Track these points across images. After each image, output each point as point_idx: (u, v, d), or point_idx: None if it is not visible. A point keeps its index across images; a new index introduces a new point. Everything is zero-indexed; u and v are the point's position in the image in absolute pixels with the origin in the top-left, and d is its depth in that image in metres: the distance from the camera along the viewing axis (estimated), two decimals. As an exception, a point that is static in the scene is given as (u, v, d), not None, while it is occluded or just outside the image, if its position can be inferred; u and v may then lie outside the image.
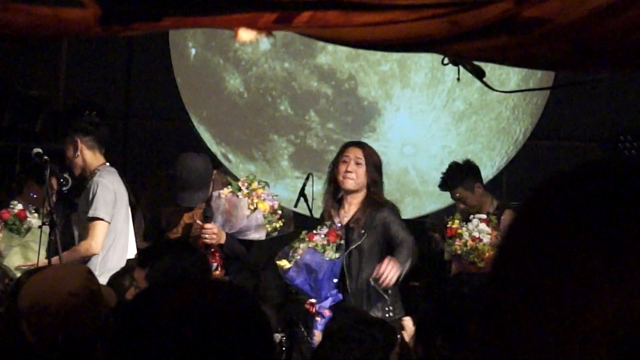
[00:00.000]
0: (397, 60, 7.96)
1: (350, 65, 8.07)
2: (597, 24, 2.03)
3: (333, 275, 4.91)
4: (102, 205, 5.49)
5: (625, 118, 8.16)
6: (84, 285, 2.61)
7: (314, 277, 4.89)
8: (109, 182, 5.59)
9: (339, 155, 5.18)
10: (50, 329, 2.53)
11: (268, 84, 8.18)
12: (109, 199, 5.54)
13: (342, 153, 5.15)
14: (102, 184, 5.55)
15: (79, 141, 5.64)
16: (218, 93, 8.25)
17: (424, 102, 8.02)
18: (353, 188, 5.07)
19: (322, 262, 4.87)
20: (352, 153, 5.11)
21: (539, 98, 8.20)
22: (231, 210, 5.17)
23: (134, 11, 1.90)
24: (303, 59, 8.10)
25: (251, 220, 5.15)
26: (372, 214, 5.01)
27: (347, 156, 5.10)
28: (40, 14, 1.91)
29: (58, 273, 2.75)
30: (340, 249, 4.92)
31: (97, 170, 5.64)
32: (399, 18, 2.05)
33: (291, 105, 8.19)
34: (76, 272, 2.71)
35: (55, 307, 2.54)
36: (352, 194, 5.10)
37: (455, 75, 2.44)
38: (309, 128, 8.17)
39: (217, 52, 8.27)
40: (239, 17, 1.98)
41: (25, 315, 2.58)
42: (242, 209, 5.14)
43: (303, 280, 4.91)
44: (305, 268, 4.90)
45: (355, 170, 5.05)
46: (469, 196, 5.83)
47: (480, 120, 8.16)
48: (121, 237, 5.68)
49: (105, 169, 5.70)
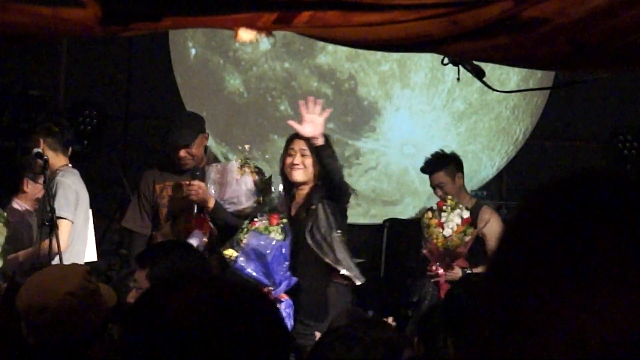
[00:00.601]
0: (397, 60, 7.96)
1: (350, 65, 8.07)
2: (597, 24, 2.04)
3: (283, 258, 4.85)
4: (65, 205, 5.52)
5: (625, 118, 8.16)
6: (83, 285, 2.61)
7: (263, 262, 4.82)
8: (72, 183, 5.62)
9: (284, 149, 5.21)
10: (48, 328, 2.53)
11: (268, 84, 8.18)
12: (72, 199, 5.58)
13: (287, 146, 5.18)
14: (64, 184, 5.57)
15: (42, 141, 5.65)
16: (218, 93, 8.25)
17: (424, 102, 8.02)
18: (301, 179, 5.09)
19: (268, 243, 4.81)
20: (296, 145, 5.12)
21: (539, 98, 8.20)
22: (221, 178, 5.21)
23: (134, 11, 1.91)
24: (303, 59, 8.10)
25: (240, 184, 5.16)
26: (313, 199, 5.05)
27: (292, 149, 5.12)
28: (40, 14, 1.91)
29: (56, 273, 2.74)
30: (285, 231, 4.89)
31: (59, 171, 5.65)
32: (399, 18, 2.05)
33: (291, 105, 8.19)
34: (74, 272, 2.71)
35: (53, 307, 2.53)
36: (301, 185, 5.12)
37: (455, 75, 2.44)
38: (309, 128, 8.17)
39: (217, 52, 8.27)
40: (239, 17, 1.98)
41: (24, 315, 2.58)
42: (231, 172, 5.19)
43: (253, 267, 4.84)
44: (253, 253, 4.82)
45: (302, 161, 5.07)
46: (449, 183, 5.79)
47: (480, 120, 8.16)
48: (78, 240, 5.69)
49: (68, 170, 5.71)
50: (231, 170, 5.21)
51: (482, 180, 8.17)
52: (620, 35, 2.09)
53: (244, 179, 5.17)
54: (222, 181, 5.21)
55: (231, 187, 5.18)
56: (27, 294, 2.61)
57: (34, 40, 3.18)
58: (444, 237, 5.32)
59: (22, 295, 2.63)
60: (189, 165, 5.37)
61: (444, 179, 5.83)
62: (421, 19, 2.05)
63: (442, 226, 5.34)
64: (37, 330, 2.54)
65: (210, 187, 5.19)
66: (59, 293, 2.56)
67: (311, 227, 4.97)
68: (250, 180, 5.17)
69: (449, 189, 5.76)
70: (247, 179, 5.18)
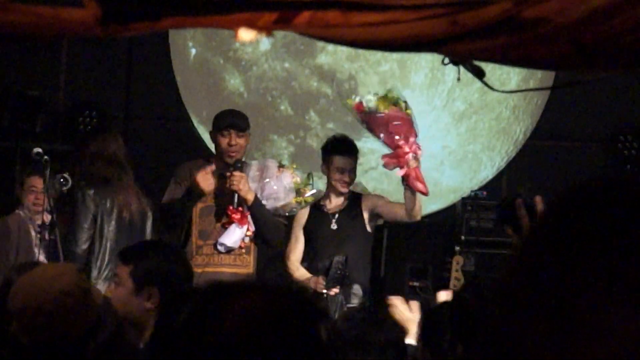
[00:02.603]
0: (397, 61, 7.96)
1: (350, 65, 8.07)
2: (597, 24, 2.04)
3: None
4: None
5: (625, 118, 8.16)
6: (76, 283, 2.59)
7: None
8: None
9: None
10: (44, 329, 2.51)
11: (268, 84, 8.18)
12: None
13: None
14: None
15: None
16: (218, 93, 8.25)
17: (424, 102, 8.02)
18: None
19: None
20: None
21: (539, 98, 8.19)
22: (261, 175, 5.18)
23: (134, 11, 1.91)
24: (303, 59, 8.10)
25: (281, 180, 5.14)
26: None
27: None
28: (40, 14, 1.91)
29: (48, 272, 2.70)
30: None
31: None
32: (399, 18, 2.05)
33: (291, 105, 8.20)
34: (66, 271, 2.69)
35: (49, 306, 2.51)
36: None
37: (455, 75, 2.44)
38: (309, 128, 8.17)
39: (217, 52, 8.27)
40: (239, 17, 1.98)
41: (18, 317, 2.54)
42: (271, 169, 5.19)
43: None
44: None
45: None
46: (354, 171, 5.66)
47: (480, 120, 8.16)
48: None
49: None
50: (271, 167, 5.21)
51: (482, 180, 8.17)
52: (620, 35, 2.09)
53: (284, 175, 5.17)
54: (262, 177, 5.18)
55: (270, 184, 5.16)
56: (21, 295, 2.57)
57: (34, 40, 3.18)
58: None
59: (15, 296, 2.59)
60: (236, 155, 5.19)
61: (354, 165, 5.69)
62: (421, 19, 2.05)
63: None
64: (33, 330, 2.52)
65: (250, 183, 5.14)
66: (54, 292, 2.53)
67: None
68: (289, 177, 5.17)
69: (354, 176, 5.66)
70: (286, 175, 5.18)
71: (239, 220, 5.08)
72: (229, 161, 5.17)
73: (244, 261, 5.22)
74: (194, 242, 5.20)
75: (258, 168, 5.22)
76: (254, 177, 5.18)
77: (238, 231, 5.10)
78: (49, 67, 8.32)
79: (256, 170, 5.20)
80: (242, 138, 5.24)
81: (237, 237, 5.10)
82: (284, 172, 5.20)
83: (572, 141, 8.33)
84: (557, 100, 8.15)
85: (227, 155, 5.20)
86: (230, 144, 5.19)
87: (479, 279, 4.82)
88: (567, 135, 8.35)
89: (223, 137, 5.23)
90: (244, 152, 5.29)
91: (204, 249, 5.16)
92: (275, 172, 5.17)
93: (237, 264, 5.19)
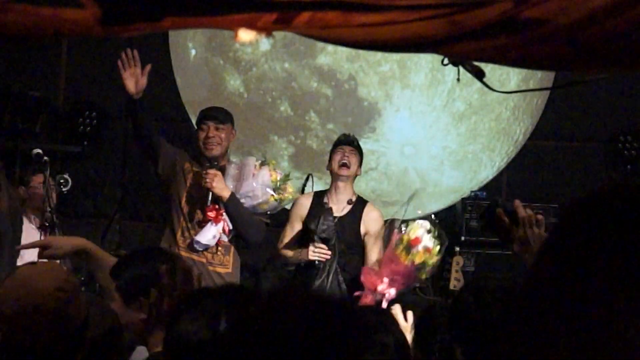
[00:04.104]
0: (397, 61, 7.96)
1: (350, 65, 8.08)
2: (597, 24, 2.04)
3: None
4: None
5: (625, 118, 8.16)
6: (67, 279, 2.58)
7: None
8: None
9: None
10: (44, 327, 2.49)
11: (268, 84, 8.18)
12: None
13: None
14: None
15: None
16: (218, 93, 8.25)
17: (424, 103, 8.02)
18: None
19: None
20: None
21: (539, 98, 8.20)
22: (239, 173, 5.14)
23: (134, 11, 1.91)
24: (303, 60, 8.11)
25: (257, 177, 5.10)
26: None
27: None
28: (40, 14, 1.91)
29: (35, 272, 2.66)
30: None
31: None
32: (399, 18, 2.05)
33: (291, 105, 8.20)
34: (53, 268, 2.67)
35: (46, 305, 2.49)
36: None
37: (455, 76, 2.43)
38: (309, 128, 8.17)
39: (217, 52, 8.27)
40: (238, 17, 1.98)
41: (11, 320, 2.49)
42: (248, 166, 5.14)
43: None
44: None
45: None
46: (355, 164, 5.62)
47: (480, 120, 8.16)
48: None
49: None
50: (248, 164, 5.16)
51: (482, 180, 8.17)
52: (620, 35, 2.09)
53: (261, 172, 5.12)
54: (240, 176, 5.15)
55: (247, 181, 5.12)
56: (12, 298, 2.53)
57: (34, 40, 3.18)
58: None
59: (7, 299, 2.54)
60: (214, 150, 5.17)
61: (353, 158, 5.66)
62: (421, 20, 2.05)
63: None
64: (31, 332, 2.50)
65: (228, 182, 5.11)
66: (49, 290, 2.51)
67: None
68: (267, 175, 5.12)
69: (353, 167, 5.62)
70: (264, 172, 5.12)
71: (214, 218, 5.07)
72: (207, 155, 5.16)
73: (222, 260, 5.19)
74: (178, 241, 5.20)
75: (237, 167, 5.18)
76: (234, 175, 5.14)
77: (213, 229, 5.07)
78: (49, 67, 8.33)
79: (235, 169, 5.17)
80: (222, 131, 5.22)
81: (211, 235, 5.08)
82: (262, 170, 5.14)
83: (572, 141, 8.34)
84: (557, 100, 8.15)
85: (205, 149, 5.19)
86: (208, 135, 5.18)
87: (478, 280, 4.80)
88: (567, 135, 8.35)
89: (202, 131, 5.24)
90: (225, 148, 5.25)
91: (182, 249, 5.14)
92: (253, 170, 5.13)
93: (215, 263, 5.18)
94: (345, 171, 5.48)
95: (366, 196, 6.04)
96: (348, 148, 5.57)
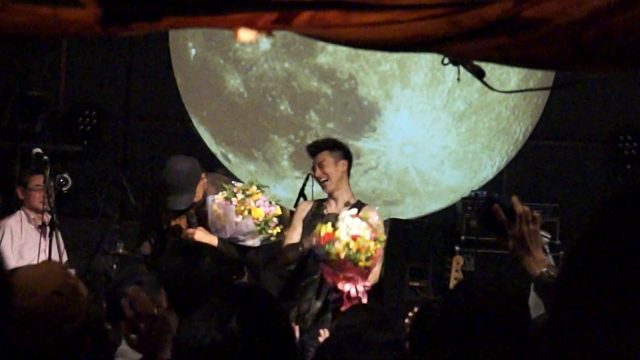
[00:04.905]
0: (397, 60, 7.96)
1: (350, 65, 8.07)
2: (597, 24, 2.03)
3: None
4: None
5: (625, 118, 8.16)
6: (64, 281, 2.57)
7: None
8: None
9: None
10: (40, 330, 2.49)
11: (268, 84, 8.18)
12: None
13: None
14: None
15: None
16: (218, 93, 8.25)
17: (424, 102, 8.02)
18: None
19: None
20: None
21: (539, 98, 8.20)
22: (223, 212, 5.20)
23: (134, 11, 1.90)
24: (303, 59, 8.10)
25: (241, 227, 5.18)
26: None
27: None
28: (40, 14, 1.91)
29: (33, 274, 2.66)
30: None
31: None
32: (399, 18, 2.05)
33: (291, 105, 8.19)
34: (52, 270, 2.66)
35: (42, 308, 2.49)
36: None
37: (455, 75, 2.43)
38: (309, 128, 8.17)
39: (217, 52, 8.27)
40: (239, 17, 1.98)
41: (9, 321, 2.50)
42: (230, 215, 5.18)
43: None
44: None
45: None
46: (331, 165, 5.66)
47: (480, 120, 8.16)
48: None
49: None
50: (230, 214, 5.22)
51: (482, 180, 8.17)
52: (620, 35, 2.09)
53: (245, 222, 5.20)
54: (223, 223, 5.23)
55: (232, 228, 5.23)
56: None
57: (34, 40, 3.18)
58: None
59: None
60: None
61: (327, 159, 5.64)
62: (421, 19, 2.05)
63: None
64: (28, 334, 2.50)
65: (213, 221, 5.26)
66: (46, 293, 2.51)
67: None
68: (251, 223, 5.21)
69: (329, 171, 5.63)
70: (247, 222, 5.23)
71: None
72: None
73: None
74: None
75: (220, 205, 5.22)
76: (219, 215, 5.24)
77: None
78: (49, 67, 8.33)
79: (219, 208, 5.21)
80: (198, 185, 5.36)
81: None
82: (245, 220, 5.19)
83: (572, 141, 8.34)
84: (557, 100, 8.15)
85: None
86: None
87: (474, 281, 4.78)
88: (567, 135, 8.36)
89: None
90: (199, 198, 5.37)
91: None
92: (235, 219, 5.18)
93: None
94: (328, 186, 5.56)
95: (366, 195, 6.05)
96: (318, 158, 5.61)
